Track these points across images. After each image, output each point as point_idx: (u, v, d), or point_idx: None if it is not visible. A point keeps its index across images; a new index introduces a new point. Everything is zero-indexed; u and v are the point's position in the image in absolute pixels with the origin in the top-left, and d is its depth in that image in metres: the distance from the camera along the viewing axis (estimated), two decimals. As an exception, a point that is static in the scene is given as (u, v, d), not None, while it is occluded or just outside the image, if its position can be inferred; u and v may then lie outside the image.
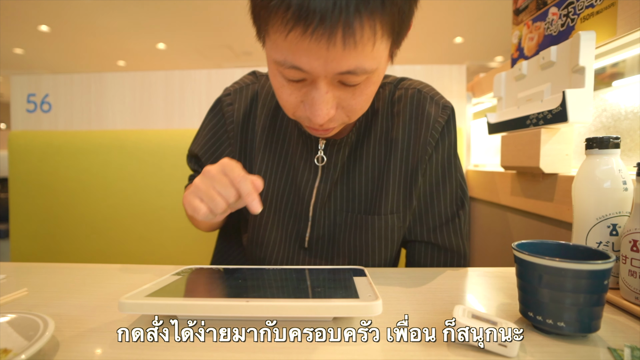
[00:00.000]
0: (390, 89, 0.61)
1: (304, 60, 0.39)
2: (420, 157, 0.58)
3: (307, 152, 0.58)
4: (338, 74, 0.40)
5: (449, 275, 0.55)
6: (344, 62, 0.39)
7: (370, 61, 0.40)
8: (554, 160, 0.69)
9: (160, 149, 1.13)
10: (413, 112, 0.58)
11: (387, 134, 0.58)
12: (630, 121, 0.69)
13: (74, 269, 0.57)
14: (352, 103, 0.45)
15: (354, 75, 0.41)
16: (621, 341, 0.34)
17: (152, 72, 1.22)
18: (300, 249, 0.62)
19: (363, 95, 0.45)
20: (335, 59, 0.38)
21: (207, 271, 0.49)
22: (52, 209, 1.16)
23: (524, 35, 0.83)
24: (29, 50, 5.56)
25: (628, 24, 0.56)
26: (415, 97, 0.59)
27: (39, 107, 1.24)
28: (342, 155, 0.57)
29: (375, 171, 0.59)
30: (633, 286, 0.40)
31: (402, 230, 0.61)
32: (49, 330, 0.31)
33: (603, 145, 0.44)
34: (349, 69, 0.39)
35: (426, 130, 0.58)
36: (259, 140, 0.61)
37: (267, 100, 0.62)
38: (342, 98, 0.44)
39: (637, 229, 0.40)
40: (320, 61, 0.38)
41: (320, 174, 0.58)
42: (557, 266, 0.33)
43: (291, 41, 0.38)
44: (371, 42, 0.38)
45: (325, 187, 0.58)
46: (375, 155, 0.58)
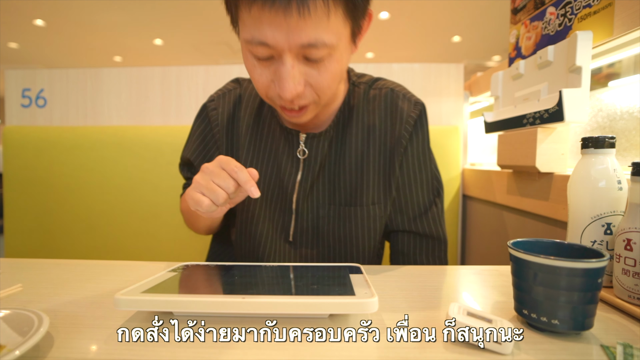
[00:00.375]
0: (365, 89, 0.65)
1: (268, 34, 0.44)
2: (396, 149, 0.62)
3: (289, 146, 0.62)
4: (300, 47, 0.45)
5: (445, 273, 0.55)
6: (303, 33, 0.43)
7: (328, 34, 0.44)
8: (550, 160, 0.70)
9: (156, 145, 1.13)
10: (388, 109, 0.63)
11: (364, 129, 0.62)
12: (625, 121, 0.70)
13: (69, 265, 0.57)
14: (319, 80, 0.49)
15: (315, 49, 0.45)
16: (614, 339, 0.34)
17: (148, 68, 1.21)
18: (286, 241, 0.64)
19: (328, 72, 0.48)
20: (295, 30, 0.43)
21: (204, 268, 0.49)
22: (47, 205, 1.15)
23: (521, 35, 0.83)
24: (24, 44, 5.50)
25: (625, 24, 0.56)
26: (389, 95, 0.64)
27: (33, 102, 1.23)
28: (322, 148, 0.61)
29: (356, 164, 0.62)
30: (626, 284, 0.40)
31: (383, 219, 0.64)
32: (44, 326, 0.31)
33: (599, 144, 0.44)
34: (309, 40, 0.44)
35: (400, 124, 0.62)
36: (244, 138, 0.64)
37: (250, 101, 0.65)
38: (309, 74, 0.48)
39: (631, 228, 0.40)
40: (282, 33, 0.43)
41: (302, 168, 0.62)
42: (552, 264, 0.33)
43: (255, 16, 0.43)
44: (325, 14, 0.43)
45: (307, 180, 0.61)
46: (353, 149, 0.62)
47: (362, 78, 0.66)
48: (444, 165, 1.12)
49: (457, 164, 1.13)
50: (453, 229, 1.14)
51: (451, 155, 1.12)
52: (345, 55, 0.50)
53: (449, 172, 1.12)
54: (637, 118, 0.67)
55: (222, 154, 0.65)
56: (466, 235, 1.18)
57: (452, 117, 1.19)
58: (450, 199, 1.13)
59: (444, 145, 1.12)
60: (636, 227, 0.40)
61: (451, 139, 1.12)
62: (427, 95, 1.18)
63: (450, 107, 1.18)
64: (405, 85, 0.68)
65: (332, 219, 0.62)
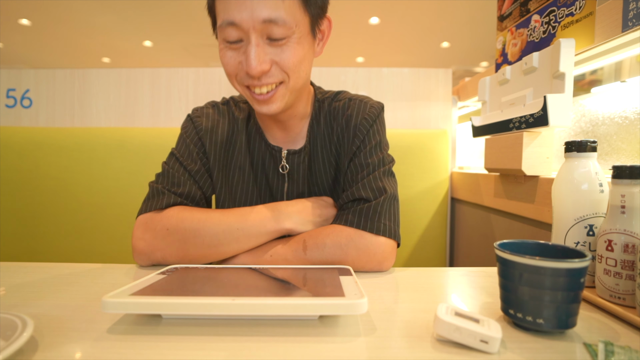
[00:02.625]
0: (329, 102, 0.70)
1: (235, 14, 0.52)
2: (352, 149, 0.65)
3: (274, 162, 0.68)
4: (262, 24, 0.52)
5: (433, 275, 0.56)
6: (265, 10, 0.51)
7: (286, 13, 0.52)
8: (535, 163, 0.72)
9: (145, 147, 1.11)
10: (348, 118, 0.67)
11: (330, 140, 0.68)
12: (607, 126, 0.72)
13: (54, 268, 0.56)
14: (282, 57, 0.55)
15: (275, 25, 0.52)
16: (596, 337, 0.35)
17: (138, 69, 1.20)
18: None
19: (290, 50, 0.55)
20: (257, 7, 0.51)
21: (193, 270, 0.48)
22: (31, 208, 1.12)
23: (507, 41, 0.85)
24: (8, 44, 5.38)
25: (605, 32, 0.58)
26: (348, 103, 0.68)
27: (19, 102, 1.21)
28: (302, 163, 0.67)
29: (329, 174, 0.68)
30: (608, 284, 0.42)
31: None
32: (28, 330, 0.30)
33: (581, 148, 0.46)
34: (269, 15, 0.51)
35: (354, 128, 0.65)
36: (239, 150, 0.68)
37: (238, 120, 0.69)
38: (273, 53, 0.54)
39: (612, 230, 0.41)
40: (247, 11, 0.51)
41: (287, 180, 0.68)
42: (537, 265, 0.34)
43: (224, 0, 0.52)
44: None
45: (293, 190, 0.68)
46: (326, 160, 0.68)
47: (326, 94, 0.71)
48: (432, 169, 1.13)
49: (446, 168, 1.15)
50: (442, 232, 1.15)
51: (440, 159, 1.14)
52: (306, 44, 0.57)
53: (438, 175, 1.14)
54: (618, 123, 0.70)
55: (205, 152, 0.68)
56: (454, 238, 1.19)
57: (440, 121, 1.21)
58: (439, 202, 1.14)
59: (433, 149, 1.13)
60: (617, 228, 0.41)
61: (440, 143, 1.14)
62: (416, 99, 1.19)
63: (438, 111, 1.20)
64: (394, 90, 0.71)
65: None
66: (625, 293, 0.40)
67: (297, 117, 0.67)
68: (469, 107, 1.28)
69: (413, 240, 1.14)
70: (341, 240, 0.56)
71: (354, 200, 0.61)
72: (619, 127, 0.69)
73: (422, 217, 1.14)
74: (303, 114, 0.67)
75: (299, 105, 0.65)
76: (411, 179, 1.12)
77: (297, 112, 0.66)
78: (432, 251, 1.14)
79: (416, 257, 1.13)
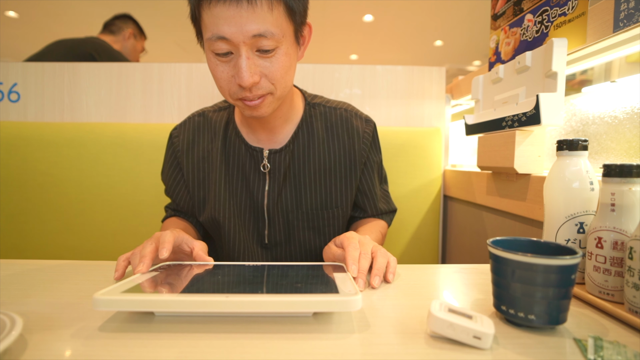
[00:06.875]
0: (320, 109, 0.74)
1: (225, 29, 0.52)
2: (358, 160, 0.73)
3: (255, 162, 0.70)
4: (252, 38, 0.53)
5: (426, 272, 0.56)
6: (254, 25, 0.52)
7: (274, 26, 0.53)
8: (527, 161, 0.72)
9: (137, 143, 1.10)
10: (344, 126, 0.73)
11: (326, 145, 0.72)
12: (597, 126, 0.73)
13: (43, 265, 0.55)
14: (271, 70, 0.57)
15: (264, 39, 0.53)
16: (586, 332, 0.36)
17: (129, 64, 1.18)
18: (263, 247, 0.73)
19: (279, 63, 0.57)
20: (247, 23, 0.52)
21: (185, 267, 0.48)
22: (19, 204, 1.10)
23: (501, 40, 0.85)
24: (-5, 36, 5.26)
25: (597, 32, 0.59)
26: (344, 115, 0.74)
27: (6, 96, 1.18)
28: (284, 161, 0.69)
29: (319, 174, 0.71)
30: (597, 281, 0.42)
31: (345, 218, 0.76)
32: (16, 328, 0.30)
33: (572, 147, 0.46)
34: (258, 30, 0.52)
35: (358, 139, 0.73)
36: (214, 160, 0.72)
37: (216, 127, 0.73)
38: (263, 66, 0.56)
39: (602, 227, 0.42)
40: (237, 26, 0.52)
41: (268, 179, 0.70)
42: (528, 261, 0.34)
43: (213, 13, 0.52)
44: (269, 8, 0.53)
45: (274, 189, 0.70)
46: (317, 161, 0.71)
47: (315, 99, 0.75)
48: (425, 167, 1.14)
49: (439, 165, 1.16)
50: (434, 229, 1.16)
51: (433, 157, 1.15)
52: (292, 53, 0.59)
53: (431, 173, 1.14)
54: (608, 123, 0.71)
55: (183, 174, 0.74)
56: (447, 235, 1.20)
57: (434, 119, 1.21)
58: (432, 200, 1.15)
59: (426, 147, 1.14)
60: (607, 226, 0.41)
61: (433, 141, 1.15)
62: (410, 97, 1.20)
63: (432, 109, 1.21)
64: (388, 87, 0.75)
65: (300, 222, 0.72)
66: (614, 289, 0.41)
67: (281, 118, 0.69)
68: (462, 106, 1.29)
69: (406, 237, 1.14)
70: None
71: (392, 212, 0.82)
72: (609, 126, 0.70)
73: (415, 215, 1.14)
74: (287, 115, 0.70)
75: (282, 106, 0.67)
76: (404, 177, 1.13)
77: (281, 113, 0.68)
78: (425, 248, 1.15)
79: (409, 254, 1.14)
